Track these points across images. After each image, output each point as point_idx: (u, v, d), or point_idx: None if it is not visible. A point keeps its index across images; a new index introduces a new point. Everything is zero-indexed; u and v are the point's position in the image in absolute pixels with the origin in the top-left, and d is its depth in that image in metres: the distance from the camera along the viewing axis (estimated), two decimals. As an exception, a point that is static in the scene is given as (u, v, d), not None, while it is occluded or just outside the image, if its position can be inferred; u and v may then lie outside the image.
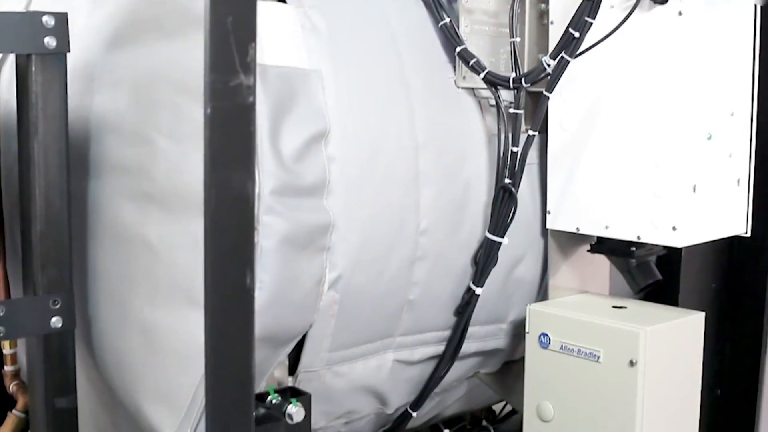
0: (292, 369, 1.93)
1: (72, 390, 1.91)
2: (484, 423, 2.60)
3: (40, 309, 1.84)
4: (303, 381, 1.92)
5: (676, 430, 2.04)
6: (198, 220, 1.72)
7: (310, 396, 1.85)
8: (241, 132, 1.29)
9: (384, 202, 1.92)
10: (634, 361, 1.90)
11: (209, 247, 1.29)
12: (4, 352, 2.37)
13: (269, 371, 1.87)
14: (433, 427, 2.61)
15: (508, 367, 2.38)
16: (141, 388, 1.87)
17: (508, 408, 2.79)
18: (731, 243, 2.62)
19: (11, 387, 2.36)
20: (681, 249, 2.37)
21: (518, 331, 2.25)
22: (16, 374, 2.37)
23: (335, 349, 1.93)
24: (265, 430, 1.74)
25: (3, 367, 2.41)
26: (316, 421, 1.96)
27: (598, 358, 1.96)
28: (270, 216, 1.71)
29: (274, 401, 1.81)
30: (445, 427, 2.50)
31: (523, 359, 2.18)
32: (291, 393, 1.87)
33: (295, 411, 1.79)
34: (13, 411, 2.32)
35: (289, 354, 1.91)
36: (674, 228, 1.94)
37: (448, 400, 2.35)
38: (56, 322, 1.85)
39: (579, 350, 1.99)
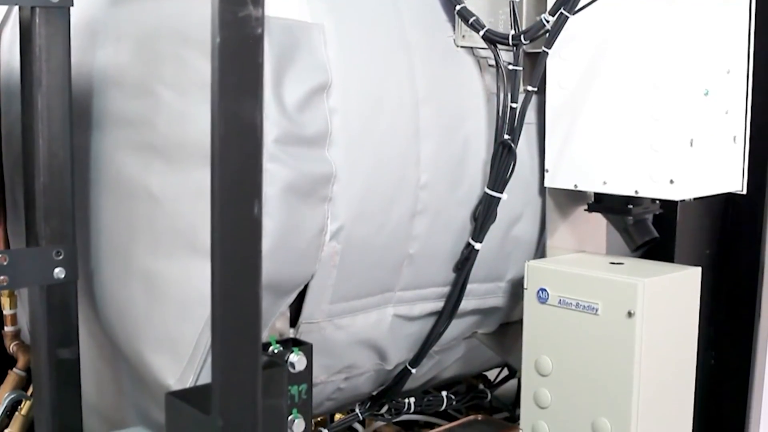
0: (294, 321, 1.94)
1: (74, 341, 1.92)
2: (481, 386, 2.61)
3: (43, 260, 1.85)
4: (304, 333, 1.94)
5: (673, 382, 2.06)
6: (201, 169, 1.75)
7: (311, 346, 1.86)
8: (250, 62, 1.30)
9: (385, 155, 1.94)
10: (632, 312, 1.92)
11: (217, 177, 1.30)
12: (4, 312, 2.39)
13: (271, 321, 1.89)
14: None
15: (506, 328, 2.40)
16: (143, 338, 1.88)
17: (504, 375, 2.81)
18: (726, 208, 2.65)
19: (11, 347, 2.37)
20: (676, 213, 2.40)
21: (516, 290, 2.27)
22: (16, 335, 2.38)
23: (336, 301, 1.95)
24: (268, 375, 1.75)
25: (3, 328, 2.42)
26: (316, 375, 1.97)
27: (597, 310, 1.98)
28: (273, 164, 1.72)
29: (275, 351, 1.82)
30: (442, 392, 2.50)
31: (520, 321, 2.20)
32: (292, 344, 1.89)
33: (297, 359, 1.80)
34: (14, 369, 2.33)
35: (291, 306, 1.92)
36: (671, 181, 1.96)
37: (445, 361, 2.37)
38: (59, 273, 1.86)
39: (577, 304, 2.01)
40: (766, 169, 2.49)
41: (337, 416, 2.45)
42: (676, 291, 2.02)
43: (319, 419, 2.41)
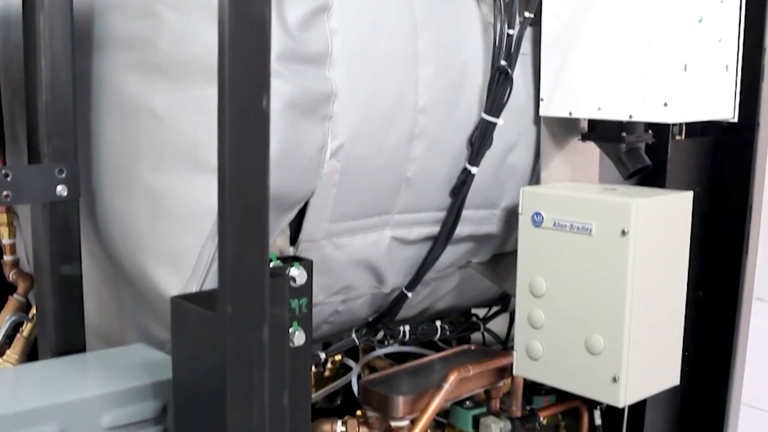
0: (294, 239, 1.98)
1: (77, 258, 1.95)
2: (474, 318, 2.66)
3: (45, 177, 1.88)
4: (304, 251, 1.98)
5: (665, 301, 2.11)
6: (203, 87, 1.78)
7: (311, 261, 1.89)
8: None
9: (384, 76, 1.97)
10: (625, 230, 1.96)
11: (227, 71, 1.33)
12: (3, 242, 2.41)
13: (272, 238, 1.92)
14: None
15: (500, 258, 2.45)
16: (146, 253, 1.91)
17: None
18: (715, 148, 2.70)
19: (11, 275, 2.40)
20: (667, 152, 2.45)
21: (510, 218, 2.32)
22: (15, 263, 2.41)
23: (335, 220, 1.98)
24: (270, 285, 1.78)
25: (2, 257, 2.44)
26: (315, 295, 2.00)
27: (590, 231, 2.02)
28: (276, 79, 1.75)
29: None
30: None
31: (514, 252, 2.24)
32: (293, 260, 1.92)
33: (297, 273, 1.83)
34: (14, 295, 2.36)
35: (291, 224, 1.95)
36: (665, 104, 2.00)
37: (440, 290, 2.41)
38: (61, 190, 1.89)
39: (571, 225, 2.05)
40: (757, 99, 2.54)
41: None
42: (668, 212, 2.07)
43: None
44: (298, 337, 1.85)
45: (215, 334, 1.48)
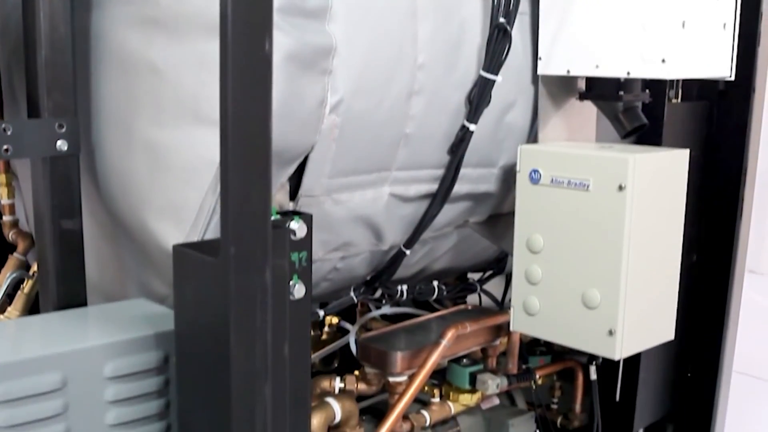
0: (293, 194, 1.99)
1: (77, 213, 1.96)
2: (470, 279, 2.68)
3: (46, 131, 1.89)
4: (303, 206, 1.99)
5: (661, 256, 2.13)
6: (203, 40, 1.78)
7: (311, 216, 1.91)
8: None
9: (383, 32, 1.98)
10: (623, 185, 1.98)
11: (230, 16, 1.33)
12: (2, 202, 2.42)
13: (272, 193, 1.93)
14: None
15: (497, 219, 2.47)
16: (147, 207, 1.92)
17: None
18: (710, 112, 2.72)
19: (10, 235, 2.41)
20: (664, 114, 2.47)
21: (508, 177, 2.33)
22: (14, 224, 2.42)
23: (335, 175, 1.99)
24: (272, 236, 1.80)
25: (1, 218, 2.45)
26: (314, 251, 2.02)
27: (588, 186, 2.04)
28: (276, 32, 1.74)
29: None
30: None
31: (511, 213, 2.26)
32: (293, 215, 1.93)
33: (297, 226, 1.84)
34: (14, 254, 2.37)
35: (291, 180, 1.97)
36: (663, 60, 2.01)
37: (437, 250, 2.43)
38: (62, 145, 1.90)
39: (569, 181, 2.07)
40: (753, 65, 2.56)
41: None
42: (665, 169, 2.09)
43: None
44: (298, 290, 1.86)
45: (218, 279, 1.50)
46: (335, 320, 2.94)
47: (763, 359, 4.65)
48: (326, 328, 2.98)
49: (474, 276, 2.88)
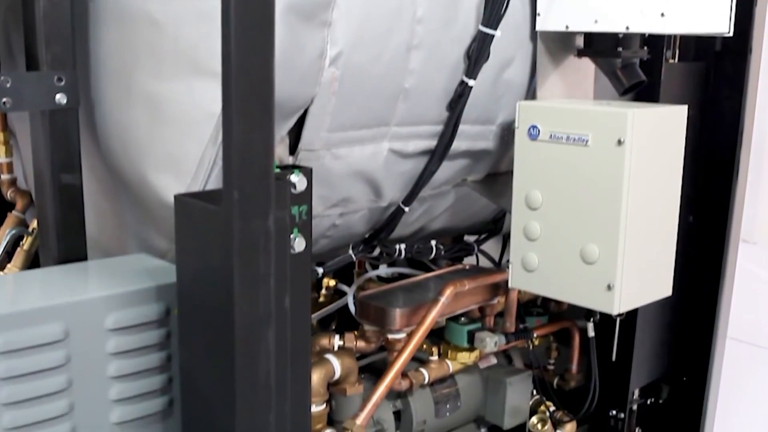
0: (293, 149, 1.99)
1: (77, 168, 1.96)
2: (467, 239, 2.69)
3: (45, 85, 1.88)
4: (303, 160, 2.00)
5: (659, 212, 2.14)
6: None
7: (311, 169, 1.91)
8: None
9: None
10: (621, 140, 1.99)
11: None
12: (0, 160, 2.41)
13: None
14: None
15: (495, 177, 2.48)
16: (146, 160, 1.92)
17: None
18: (707, 72, 2.72)
19: (8, 194, 2.41)
20: (661, 73, 2.47)
21: (506, 134, 2.34)
22: (12, 182, 2.42)
23: (334, 129, 2.00)
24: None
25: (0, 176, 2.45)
26: (314, 206, 2.02)
27: (587, 142, 2.04)
28: (276, -18, 1.75)
29: (276, 173, 1.87)
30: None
31: (508, 172, 2.27)
32: (293, 169, 1.93)
33: (297, 180, 1.84)
34: (13, 212, 2.37)
35: (290, 134, 1.97)
36: (662, 14, 2.01)
37: (435, 209, 2.44)
38: (60, 98, 1.90)
39: (568, 137, 2.07)
40: (750, 26, 2.56)
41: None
42: (663, 123, 2.09)
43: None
44: (299, 244, 1.86)
45: (221, 227, 1.50)
46: (332, 282, 2.95)
47: (755, 326, 4.68)
48: (323, 291, 2.99)
49: (471, 238, 2.89)
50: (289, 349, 1.76)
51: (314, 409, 2.23)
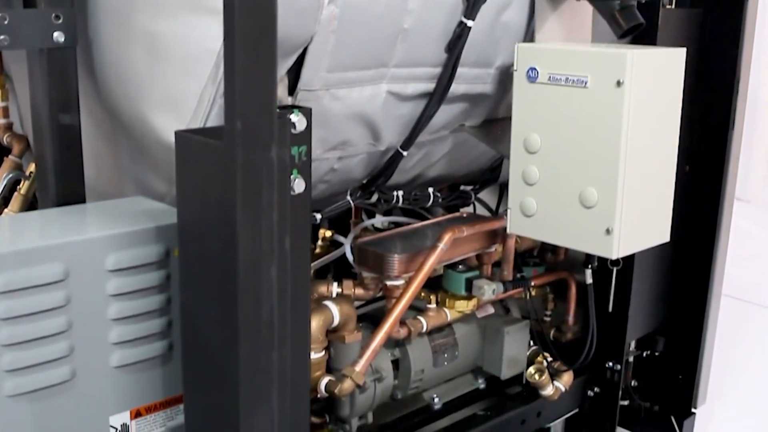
0: (292, 89, 1.98)
1: (75, 107, 1.95)
2: (463, 188, 2.68)
3: (42, 22, 1.87)
4: (302, 101, 1.99)
5: (657, 156, 2.13)
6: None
7: (310, 109, 1.90)
8: None
9: None
10: (621, 81, 1.98)
11: None
12: (-4, 105, 2.40)
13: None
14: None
15: (493, 123, 2.47)
16: (145, 99, 1.91)
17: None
18: (704, 19, 2.71)
19: (5, 139, 2.40)
20: (658, 19, 2.46)
21: (504, 78, 2.33)
22: (8, 127, 2.40)
23: (333, 69, 1.99)
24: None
25: (-5, 121, 2.43)
26: (313, 149, 2.01)
27: (585, 83, 2.04)
28: None
29: (276, 114, 1.86)
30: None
31: (506, 118, 2.26)
32: (292, 109, 1.92)
33: (297, 119, 1.83)
34: (9, 156, 2.36)
35: (289, 74, 1.96)
36: (661, -43, 2.01)
37: (433, 155, 2.44)
38: (58, 36, 1.88)
39: (567, 78, 2.07)
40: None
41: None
42: (662, 66, 2.08)
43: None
44: (298, 185, 1.86)
45: (223, 161, 1.49)
46: (329, 233, 2.95)
47: (747, 283, 4.72)
48: (320, 242, 2.99)
49: (468, 188, 2.88)
50: (289, 291, 1.76)
51: (313, 356, 2.24)
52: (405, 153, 2.26)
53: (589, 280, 2.55)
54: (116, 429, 1.89)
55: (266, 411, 1.63)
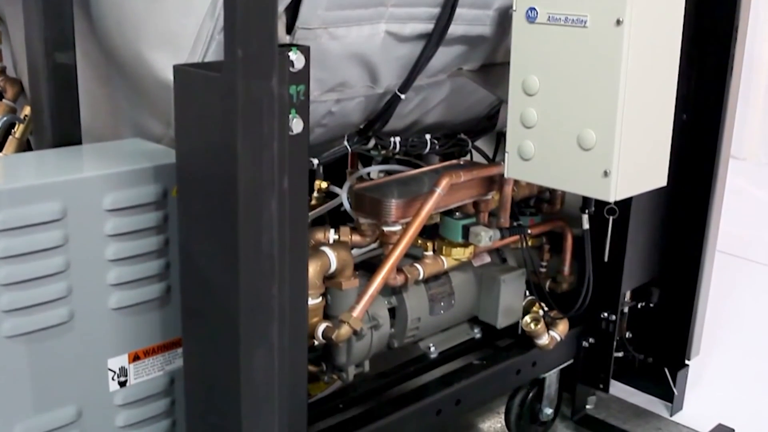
0: (290, 28, 1.96)
1: (71, 46, 1.94)
2: (462, 136, 2.68)
3: (36, -41, 1.85)
4: (300, 40, 1.97)
5: (656, 99, 2.13)
6: None
7: (308, 47, 1.88)
8: None
9: None
10: (620, 20, 1.96)
11: None
12: (-11, 48, 2.38)
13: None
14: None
15: (491, 68, 2.46)
16: (143, 38, 1.89)
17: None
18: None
19: (-1, 83, 2.38)
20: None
21: (503, 20, 2.32)
22: (2, 70, 2.39)
23: (332, 7, 1.97)
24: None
25: (-11, 66, 2.42)
26: (310, 91, 2.00)
27: (585, 23, 2.02)
28: None
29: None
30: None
31: (504, 63, 2.25)
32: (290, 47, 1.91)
33: (295, 57, 1.83)
34: (3, 100, 2.34)
35: (287, 13, 1.94)
36: None
37: (431, 101, 2.42)
38: (55, -26, 1.86)
39: (566, 18, 2.05)
40: None
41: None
42: (662, 6, 2.07)
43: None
44: (296, 124, 1.85)
45: (223, 94, 1.48)
46: (324, 185, 2.94)
47: (741, 239, 4.74)
48: (315, 194, 2.97)
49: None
50: (288, 230, 1.75)
51: (310, 302, 2.23)
52: (403, 96, 2.25)
53: (586, 225, 2.55)
54: (114, 372, 1.89)
55: (266, 348, 1.63)
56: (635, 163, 2.11)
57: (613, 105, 2.01)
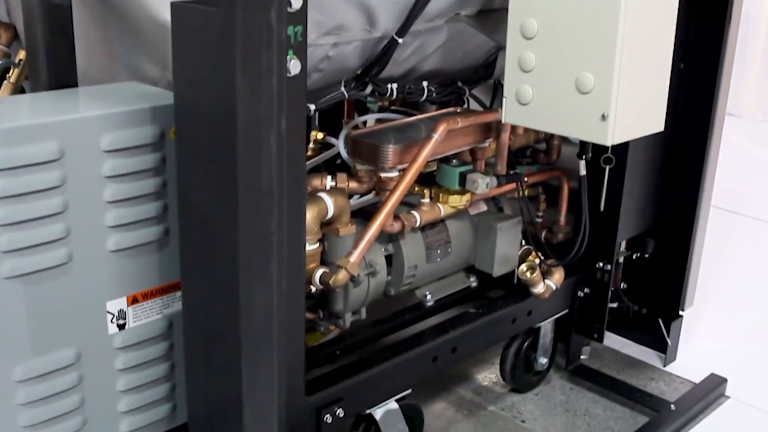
0: (287, -33, 1.95)
1: (67, -9, 1.92)
2: (459, 84, 2.67)
3: None
4: (298, -18, 1.95)
5: (654, 43, 2.12)
6: None
7: (306, -14, 1.87)
8: None
9: None
10: (620, -39, 1.96)
11: None
12: (-21, -1, 2.35)
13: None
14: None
15: (488, 13, 2.44)
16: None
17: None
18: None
19: (-8, 28, 2.36)
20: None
21: (501, -36, 2.31)
22: (-5, 17, 2.36)
23: (330, -53, 1.96)
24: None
25: (-20, 13, 2.39)
26: (307, 34, 1.99)
27: (585, -36, 2.01)
28: None
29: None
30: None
31: (503, 9, 2.23)
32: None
33: (294, -5, 1.81)
34: (-3, 48, 2.33)
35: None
36: None
37: (428, 47, 2.41)
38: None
39: (565, -40, 2.04)
40: None
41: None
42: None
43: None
44: (294, 65, 1.84)
45: (221, 28, 1.47)
46: (320, 135, 2.93)
47: (735, 194, 4.75)
48: (311, 145, 2.97)
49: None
50: (285, 170, 1.75)
51: (308, 248, 2.23)
52: (400, 41, 2.23)
53: (583, 171, 2.54)
54: (113, 315, 1.89)
55: (266, 284, 1.64)
56: (633, 107, 2.10)
57: (611, 48, 2.00)
